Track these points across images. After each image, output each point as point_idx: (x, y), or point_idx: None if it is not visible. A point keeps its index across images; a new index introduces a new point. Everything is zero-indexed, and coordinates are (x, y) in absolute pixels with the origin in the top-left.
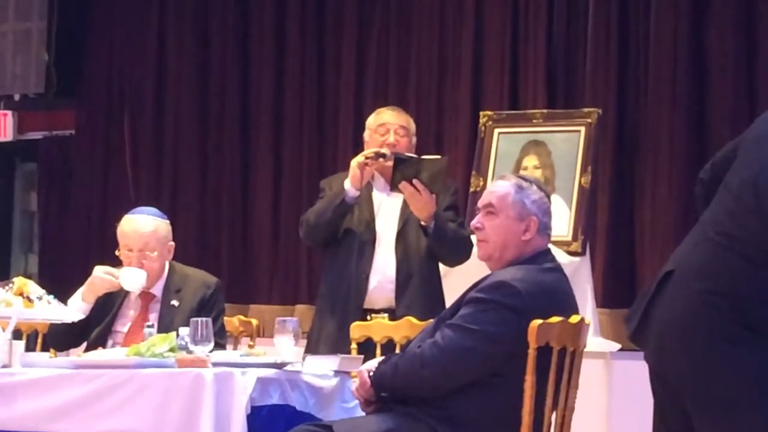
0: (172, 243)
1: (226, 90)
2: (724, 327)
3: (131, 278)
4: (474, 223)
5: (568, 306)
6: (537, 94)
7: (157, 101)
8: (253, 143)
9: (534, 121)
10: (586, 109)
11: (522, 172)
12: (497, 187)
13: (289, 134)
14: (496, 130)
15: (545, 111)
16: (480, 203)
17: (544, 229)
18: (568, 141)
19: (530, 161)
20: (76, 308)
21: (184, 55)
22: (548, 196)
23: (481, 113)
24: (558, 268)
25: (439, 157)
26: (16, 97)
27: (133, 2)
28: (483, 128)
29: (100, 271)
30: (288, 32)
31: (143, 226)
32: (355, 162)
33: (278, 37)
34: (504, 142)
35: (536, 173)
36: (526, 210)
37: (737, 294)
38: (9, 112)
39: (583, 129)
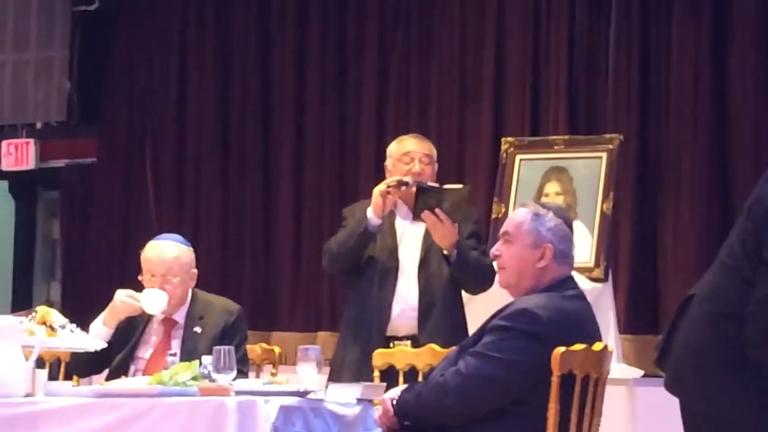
0: (195, 270)
1: (247, 117)
2: (730, 349)
3: (153, 300)
4: (493, 251)
5: (591, 333)
6: (558, 120)
7: (178, 129)
8: (275, 170)
9: (555, 147)
10: (607, 135)
11: (544, 199)
12: (515, 215)
13: (311, 161)
14: (518, 157)
15: (567, 137)
16: (500, 231)
17: (562, 256)
18: (589, 167)
19: (552, 188)
20: (97, 333)
21: (206, 82)
22: (568, 223)
23: (503, 139)
24: (581, 296)
25: (461, 186)
26: (38, 125)
27: (155, 31)
28: (504, 155)
29: (122, 295)
30: (308, 60)
31: (167, 251)
32: (378, 191)
33: (299, 64)
34: (526, 168)
35: (558, 200)
36: (541, 238)
37: (742, 316)
38: (31, 140)
39: (604, 155)
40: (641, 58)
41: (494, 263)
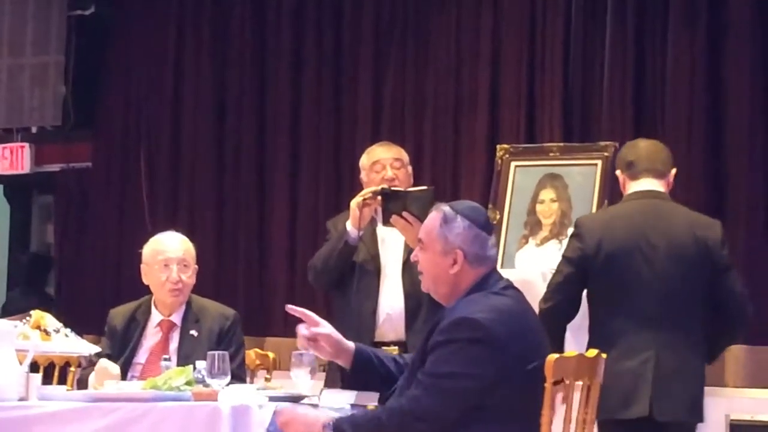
0: (197, 266)
1: (243, 123)
2: None
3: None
4: (412, 256)
5: (530, 321)
6: (554, 127)
7: (173, 133)
8: (270, 176)
9: (551, 154)
10: (602, 143)
11: (538, 206)
12: (427, 220)
13: (306, 169)
14: (513, 164)
15: (562, 144)
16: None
17: (476, 259)
18: (584, 174)
19: (547, 194)
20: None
21: (201, 88)
22: (481, 223)
23: (498, 146)
24: (508, 286)
25: (425, 187)
26: (34, 130)
27: (150, 35)
28: (500, 161)
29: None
30: (304, 67)
31: (178, 240)
32: (354, 203)
33: (295, 71)
34: (521, 175)
35: (553, 206)
36: (450, 244)
37: None
38: (26, 145)
39: (599, 162)
40: (636, 65)
41: None
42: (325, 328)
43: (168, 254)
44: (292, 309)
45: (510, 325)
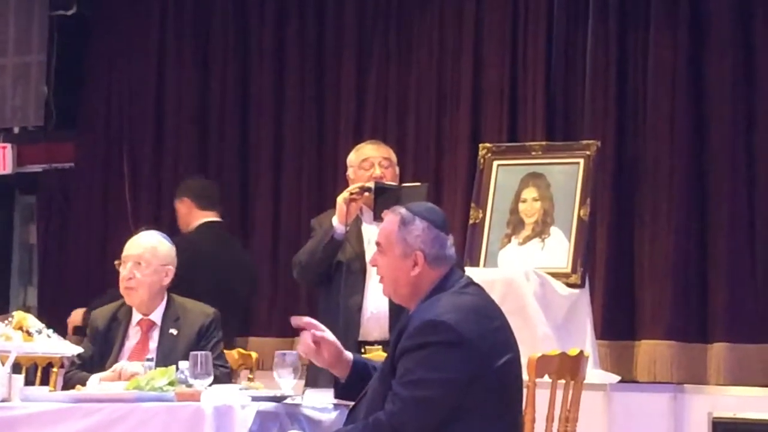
0: (171, 268)
1: (226, 123)
2: None
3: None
4: (371, 260)
5: (496, 316)
6: (536, 126)
7: (156, 134)
8: (252, 177)
9: (533, 153)
10: (585, 141)
11: (521, 205)
12: (384, 223)
13: (289, 168)
14: (495, 162)
15: (544, 143)
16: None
17: (436, 259)
18: (567, 173)
19: (529, 193)
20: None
21: (184, 88)
22: (438, 223)
23: (481, 145)
24: (470, 283)
25: (419, 184)
26: (16, 130)
27: (133, 36)
28: (482, 160)
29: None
30: (287, 66)
31: (145, 239)
32: (341, 198)
33: (277, 70)
34: (503, 174)
35: (535, 205)
36: (410, 246)
37: None
38: (8, 145)
39: (582, 161)
40: (618, 64)
41: None
42: (330, 335)
43: (127, 252)
44: (297, 319)
45: (477, 323)
